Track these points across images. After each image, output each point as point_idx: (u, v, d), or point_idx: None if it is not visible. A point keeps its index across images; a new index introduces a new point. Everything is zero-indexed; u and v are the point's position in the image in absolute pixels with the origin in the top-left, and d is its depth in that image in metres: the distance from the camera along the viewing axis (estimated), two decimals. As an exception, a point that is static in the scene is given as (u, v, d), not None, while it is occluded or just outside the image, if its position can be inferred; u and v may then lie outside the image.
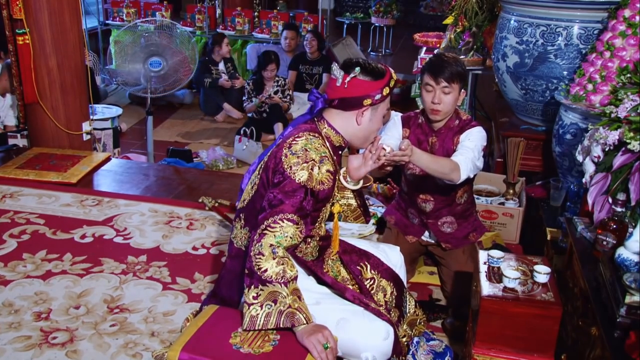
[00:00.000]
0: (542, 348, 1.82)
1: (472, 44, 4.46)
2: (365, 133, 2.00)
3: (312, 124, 2.00)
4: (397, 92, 6.37)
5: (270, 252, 1.80)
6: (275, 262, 1.80)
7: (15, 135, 4.26)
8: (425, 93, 2.42)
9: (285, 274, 1.80)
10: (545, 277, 1.86)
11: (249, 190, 2.05)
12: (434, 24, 9.37)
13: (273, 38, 6.82)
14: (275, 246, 1.81)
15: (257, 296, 1.80)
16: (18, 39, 3.85)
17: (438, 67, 2.37)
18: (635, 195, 2.12)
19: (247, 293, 1.82)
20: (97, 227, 3.23)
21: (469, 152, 2.35)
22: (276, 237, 1.81)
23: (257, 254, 1.81)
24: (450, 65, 2.37)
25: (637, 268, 1.81)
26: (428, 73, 2.40)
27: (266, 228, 1.82)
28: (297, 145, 1.89)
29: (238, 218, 2.07)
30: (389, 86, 1.95)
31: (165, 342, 2.31)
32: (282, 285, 1.79)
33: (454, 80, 2.36)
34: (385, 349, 1.90)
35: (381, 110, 1.99)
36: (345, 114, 1.97)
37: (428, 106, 2.43)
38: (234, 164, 4.69)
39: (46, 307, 2.52)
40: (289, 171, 1.86)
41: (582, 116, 2.88)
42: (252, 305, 1.80)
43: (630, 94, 2.39)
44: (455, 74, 2.37)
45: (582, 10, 3.11)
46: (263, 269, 1.79)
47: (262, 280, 1.79)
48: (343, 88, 1.92)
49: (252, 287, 1.81)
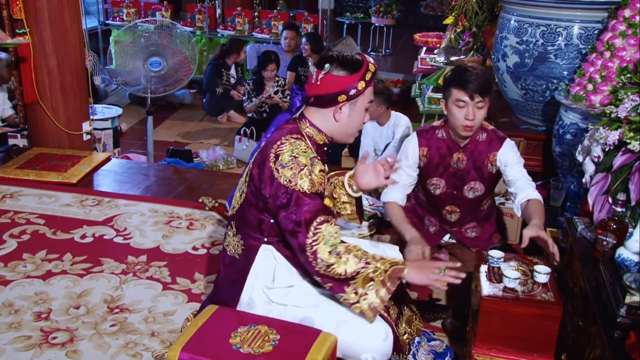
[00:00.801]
0: (542, 348, 1.82)
1: (472, 44, 4.46)
2: (346, 129, 1.96)
3: (294, 124, 1.96)
4: (397, 92, 6.37)
5: (335, 258, 1.79)
6: (345, 260, 1.80)
7: (15, 135, 4.26)
8: (457, 109, 2.29)
9: (359, 259, 1.80)
10: (546, 277, 1.86)
11: (237, 197, 2.02)
12: (434, 24, 9.37)
13: (273, 38, 6.82)
14: (333, 249, 1.80)
15: (357, 292, 1.81)
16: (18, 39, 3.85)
17: (471, 81, 2.24)
18: (635, 195, 2.12)
19: (348, 298, 1.82)
20: (97, 227, 3.23)
21: (524, 175, 2.37)
22: (326, 244, 1.80)
23: (327, 268, 1.79)
24: (481, 77, 2.25)
25: (637, 268, 1.81)
26: (460, 88, 2.25)
27: (312, 245, 1.80)
28: (283, 155, 1.84)
29: (230, 226, 2.05)
30: (364, 80, 1.87)
31: (165, 342, 2.31)
32: (365, 267, 1.80)
33: (488, 94, 2.28)
34: (385, 350, 1.89)
35: (361, 104, 1.92)
36: (323, 111, 1.93)
37: (460, 123, 2.30)
38: (234, 164, 4.69)
39: (46, 307, 2.52)
40: (291, 186, 1.82)
41: (582, 116, 2.88)
42: (359, 301, 1.80)
43: (630, 94, 2.39)
44: (489, 86, 2.28)
45: (582, 10, 3.11)
46: (342, 272, 1.79)
47: (349, 279, 1.80)
48: (317, 85, 1.88)
49: (347, 290, 1.81)
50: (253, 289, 1.99)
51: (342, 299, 1.84)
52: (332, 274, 1.80)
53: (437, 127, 2.49)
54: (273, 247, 1.97)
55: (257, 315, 1.95)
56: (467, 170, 2.44)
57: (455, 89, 2.27)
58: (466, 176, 2.46)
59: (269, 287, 1.98)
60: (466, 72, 2.28)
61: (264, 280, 1.98)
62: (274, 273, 1.98)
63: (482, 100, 2.26)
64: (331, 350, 1.81)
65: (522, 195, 2.33)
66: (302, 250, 1.82)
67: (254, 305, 1.99)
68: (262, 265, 1.98)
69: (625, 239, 1.90)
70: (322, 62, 1.88)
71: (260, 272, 1.98)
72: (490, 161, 2.41)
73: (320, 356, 1.74)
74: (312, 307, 1.94)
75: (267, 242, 1.97)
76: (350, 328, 1.89)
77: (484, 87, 2.25)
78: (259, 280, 1.99)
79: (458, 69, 2.37)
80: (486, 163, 2.42)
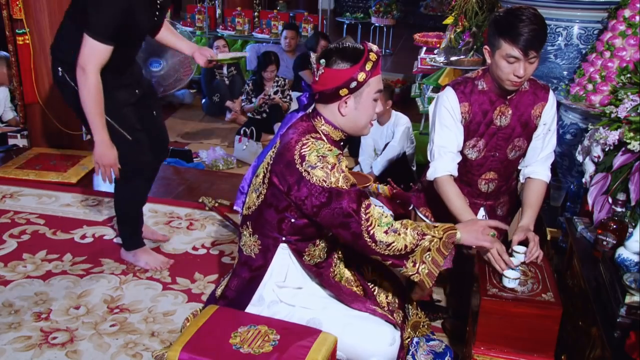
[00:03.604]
0: (542, 348, 1.82)
1: (472, 44, 4.45)
2: (355, 122, 1.91)
3: (308, 122, 1.93)
4: (397, 92, 6.36)
5: (393, 236, 1.81)
6: (404, 236, 1.81)
7: (15, 135, 4.26)
8: (505, 64, 2.01)
9: (415, 232, 1.82)
10: (522, 256, 1.93)
11: (253, 198, 1.98)
12: (434, 24, 9.36)
13: (273, 38, 6.82)
14: (388, 228, 1.81)
15: (415, 263, 1.83)
16: (18, 39, 3.86)
17: (525, 35, 1.94)
18: (635, 195, 2.12)
19: (407, 271, 1.84)
20: (97, 227, 3.23)
21: (553, 144, 2.24)
22: (380, 225, 1.81)
23: (387, 247, 1.81)
24: (537, 28, 1.96)
25: (637, 268, 1.81)
26: (512, 43, 1.96)
27: (368, 229, 1.80)
28: (310, 155, 1.81)
29: (245, 225, 2.03)
30: (364, 71, 1.80)
31: (165, 342, 2.31)
32: (422, 238, 1.82)
33: (542, 46, 2.01)
34: (391, 355, 1.89)
35: (367, 95, 1.85)
36: (329, 107, 1.89)
37: (509, 78, 2.03)
38: (234, 164, 4.68)
39: (46, 307, 2.52)
40: (327, 184, 1.79)
41: (582, 116, 2.88)
42: (418, 270, 1.83)
43: (630, 94, 2.39)
44: (545, 36, 2.00)
45: (582, 10, 3.11)
46: (402, 248, 1.81)
47: (409, 252, 1.83)
48: (318, 80, 1.85)
49: (407, 263, 1.84)
50: (265, 287, 2.00)
51: (402, 271, 1.86)
52: (393, 251, 1.81)
53: (475, 78, 2.19)
54: (289, 247, 1.96)
55: (257, 315, 1.95)
56: (512, 126, 2.19)
57: (506, 42, 1.98)
58: (511, 133, 2.20)
59: (280, 286, 1.98)
60: (520, 20, 1.95)
61: (277, 279, 1.99)
62: (286, 273, 1.99)
63: (536, 55, 1.99)
64: (331, 351, 1.81)
65: (530, 169, 2.26)
66: (358, 237, 1.81)
67: (263, 303, 2.00)
68: (278, 265, 1.98)
69: (625, 239, 1.90)
70: (321, 56, 1.85)
71: (275, 271, 1.99)
72: (537, 114, 2.18)
73: (320, 356, 1.75)
74: (320, 309, 1.95)
75: (285, 242, 1.96)
76: (357, 331, 1.89)
77: (541, 39, 1.97)
78: (272, 279, 1.99)
79: (510, 14, 2.01)
80: (533, 117, 2.17)
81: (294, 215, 1.90)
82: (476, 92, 2.16)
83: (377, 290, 2.16)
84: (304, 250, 1.97)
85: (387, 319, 1.93)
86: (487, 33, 2.10)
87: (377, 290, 2.16)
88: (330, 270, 2.08)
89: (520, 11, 1.99)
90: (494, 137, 2.21)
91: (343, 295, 1.99)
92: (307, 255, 1.99)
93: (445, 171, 2.17)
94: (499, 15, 2.06)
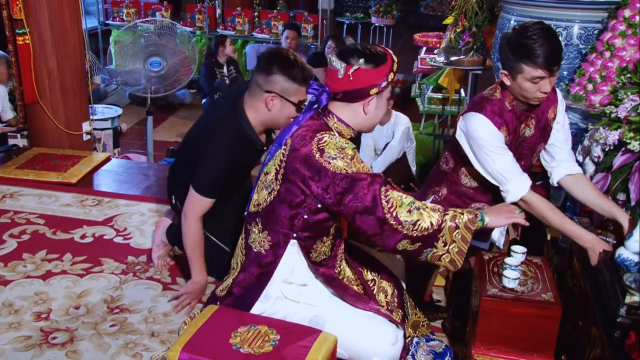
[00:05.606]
0: (542, 348, 1.82)
1: (472, 44, 4.45)
2: (372, 120, 1.97)
3: (320, 120, 1.94)
4: (397, 92, 6.37)
5: (416, 214, 1.81)
6: (428, 214, 1.82)
7: (15, 135, 4.26)
8: (531, 85, 2.01)
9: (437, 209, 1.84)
10: (522, 256, 1.92)
11: (264, 195, 1.98)
12: (434, 24, 9.36)
13: (273, 38, 6.82)
14: (411, 207, 1.82)
15: (445, 243, 1.83)
16: (18, 39, 3.85)
17: (546, 53, 1.95)
18: (635, 195, 2.12)
19: (437, 252, 1.84)
20: (97, 227, 3.23)
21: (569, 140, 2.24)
22: (402, 205, 1.82)
23: (413, 227, 1.81)
24: (554, 42, 1.98)
25: (637, 268, 1.81)
26: (535, 65, 1.97)
27: (390, 211, 1.80)
28: (328, 148, 1.84)
29: (254, 222, 2.02)
30: (393, 71, 1.90)
31: (165, 342, 2.31)
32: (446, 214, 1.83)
33: (562, 57, 2.03)
34: (393, 354, 1.90)
35: (386, 95, 1.95)
36: (352, 106, 1.92)
37: (536, 96, 2.04)
38: (234, 164, 4.69)
39: (46, 307, 2.52)
40: (348, 172, 1.82)
41: (582, 116, 2.88)
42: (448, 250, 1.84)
43: (630, 94, 2.39)
44: (561, 49, 2.03)
45: (582, 10, 3.11)
46: (428, 226, 1.81)
47: (437, 231, 1.82)
48: (347, 80, 1.86)
49: (437, 244, 1.84)
50: (272, 282, 2.00)
51: (432, 253, 1.85)
52: (421, 230, 1.81)
53: (500, 100, 2.15)
54: (298, 244, 1.97)
55: (257, 315, 1.95)
56: (536, 135, 2.20)
57: (528, 66, 1.97)
58: (535, 142, 2.23)
59: (285, 282, 1.99)
60: (533, 41, 1.95)
61: (284, 275, 2.00)
62: (293, 268, 2.00)
63: (559, 66, 1.99)
64: (331, 351, 1.81)
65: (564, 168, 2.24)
66: (383, 221, 1.81)
67: (270, 299, 2.00)
68: (287, 261, 1.99)
69: (625, 239, 1.90)
70: (349, 55, 1.86)
71: (283, 267, 1.99)
72: (552, 117, 2.19)
73: (320, 356, 1.75)
74: (325, 307, 1.95)
75: (296, 238, 1.96)
76: (360, 330, 1.90)
77: (560, 52, 1.99)
78: (280, 274, 2.00)
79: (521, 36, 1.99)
80: (550, 120, 2.19)
81: (306, 212, 1.90)
82: (505, 112, 2.14)
83: (376, 290, 2.16)
84: (312, 247, 1.98)
85: (390, 319, 1.94)
86: (501, 58, 2.07)
87: (376, 289, 2.16)
88: (335, 271, 2.09)
89: (530, 31, 1.99)
90: (519, 147, 2.23)
91: (347, 296, 2.00)
92: (314, 252, 2.00)
93: (527, 188, 2.11)
94: (510, 39, 2.03)
